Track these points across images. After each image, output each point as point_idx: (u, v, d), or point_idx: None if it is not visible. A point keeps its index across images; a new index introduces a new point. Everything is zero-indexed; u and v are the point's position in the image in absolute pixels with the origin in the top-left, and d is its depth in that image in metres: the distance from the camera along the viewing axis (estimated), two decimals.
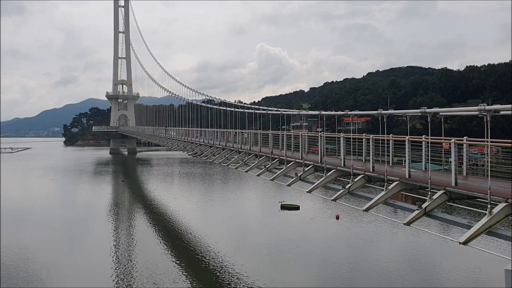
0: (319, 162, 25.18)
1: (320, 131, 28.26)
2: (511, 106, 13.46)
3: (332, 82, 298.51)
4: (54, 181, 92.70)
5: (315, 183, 24.71)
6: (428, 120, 16.78)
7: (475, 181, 17.20)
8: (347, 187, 21.37)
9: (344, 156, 22.90)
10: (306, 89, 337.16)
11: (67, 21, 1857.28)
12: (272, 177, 30.86)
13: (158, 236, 43.30)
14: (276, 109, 44.38)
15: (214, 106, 74.30)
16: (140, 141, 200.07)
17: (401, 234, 40.46)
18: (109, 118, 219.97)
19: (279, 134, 32.27)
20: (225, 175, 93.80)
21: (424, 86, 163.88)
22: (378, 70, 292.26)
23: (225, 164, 44.49)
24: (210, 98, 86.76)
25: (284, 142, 30.59)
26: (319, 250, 37.02)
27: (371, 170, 20.57)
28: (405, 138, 18.78)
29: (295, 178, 27.19)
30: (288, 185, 27.86)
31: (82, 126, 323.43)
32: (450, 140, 16.26)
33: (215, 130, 53.74)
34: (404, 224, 16.83)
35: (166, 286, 28.36)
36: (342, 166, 22.84)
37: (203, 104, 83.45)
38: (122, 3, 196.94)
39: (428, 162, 18.27)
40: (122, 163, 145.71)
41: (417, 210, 16.38)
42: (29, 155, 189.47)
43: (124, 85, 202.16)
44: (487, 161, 15.14)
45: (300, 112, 39.09)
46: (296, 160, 28.24)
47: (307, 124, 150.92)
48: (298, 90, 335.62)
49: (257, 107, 50.82)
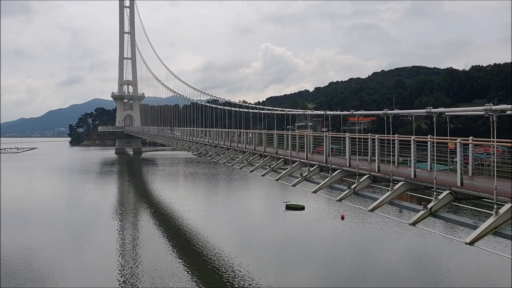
0: (324, 162, 25.15)
1: (325, 131, 28.22)
2: None
3: (337, 81, 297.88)
4: (60, 181, 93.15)
5: (320, 183, 24.69)
6: (434, 120, 16.74)
7: (481, 181, 17.14)
8: (352, 187, 21.34)
9: (350, 156, 22.87)
10: (311, 89, 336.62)
11: (73, 21, 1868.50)
12: (277, 177, 30.84)
13: (164, 235, 43.42)
14: (280, 109, 44.34)
15: (219, 106, 74.38)
16: (146, 141, 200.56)
17: (406, 234, 40.38)
18: (114, 118, 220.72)
19: (284, 134, 32.28)
20: (229, 175, 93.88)
21: (429, 86, 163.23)
22: (383, 70, 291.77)
23: (229, 164, 44.52)
24: (215, 98, 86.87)
25: (289, 142, 30.58)
26: (324, 250, 36.99)
27: (376, 170, 20.54)
28: (410, 138, 18.74)
29: (300, 178, 27.17)
30: (293, 185, 27.85)
31: (88, 126, 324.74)
32: (456, 140, 16.20)
33: (220, 130, 53.78)
34: (409, 224, 16.80)
35: (171, 286, 28.45)
36: (348, 166, 22.81)
37: (208, 104, 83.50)
38: (127, 3, 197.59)
39: (433, 162, 18.22)
40: (127, 163, 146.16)
41: (422, 210, 16.35)
42: (35, 155, 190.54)
43: (129, 85, 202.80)
44: (493, 161, 15.08)
45: (305, 112, 39.04)
46: (301, 160, 28.23)
47: (312, 124, 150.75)
48: (303, 90, 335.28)
49: (261, 107, 50.77)
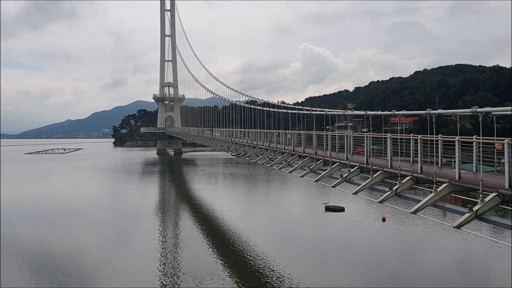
0: (365, 163, 24.81)
1: (366, 132, 27.81)
2: None
3: (378, 81, 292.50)
4: (104, 180, 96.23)
5: (361, 184, 24.39)
6: (479, 119, 16.22)
7: None
8: (394, 188, 20.96)
9: (391, 157, 22.46)
10: (351, 88, 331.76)
11: (117, 24, 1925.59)
12: (317, 178, 30.64)
13: (204, 235, 44.01)
14: (320, 109, 44.04)
15: (257, 107, 74.65)
16: (186, 141, 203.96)
17: (450, 237, 39.18)
18: (156, 119, 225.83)
19: (323, 135, 32.02)
20: (268, 175, 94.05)
21: (474, 84, 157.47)
22: (425, 69, 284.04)
23: (268, 165, 44.60)
24: (253, 99, 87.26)
25: (329, 142, 30.33)
26: (365, 253, 36.43)
27: (419, 172, 20.08)
28: (455, 138, 18.21)
29: (340, 180, 26.92)
30: (333, 186, 27.62)
31: (131, 127, 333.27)
32: (504, 140, 15.62)
33: (259, 130, 53.99)
34: (454, 227, 16.34)
35: (210, 286, 28.82)
36: (389, 167, 22.41)
37: (247, 105, 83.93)
38: (168, 6, 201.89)
39: (479, 163, 17.63)
40: (168, 163, 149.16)
41: (468, 213, 15.86)
42: (80, 155, 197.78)
43: (170, 87, 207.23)
44: None
45: (345, 112, 38.58)
46: (341, 161, 27.94)
47: (352, 124, 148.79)
48: (342, 90, 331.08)
49: (300, 107, 50.56)
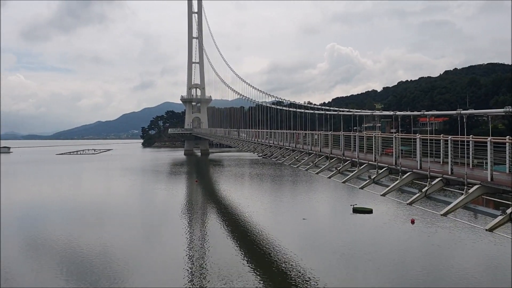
0: (394, 164, 24.49)
1: (395, 132, 27.46)
2: None
3: (407, 81, 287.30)
4: (133, 180, 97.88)
5: (389, 186, 24.08)
6: None
7: None
8: (423, 190, 20.63)
9: (421, 158, 22.10)
10: (379, 88, 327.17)
11: (146, 27, 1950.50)
12: (344, 179, 30.41)
13: (231, 235, 44.25)
14: (347, 109, 43.64)
15: (284, 108, 74.55)
16: (213, 142, 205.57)
17: (482, 240, 38.21)
18: (183, 120, 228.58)
19: (351, 135, 31.76)
20: (295, 176, 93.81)
21: (507, 84, 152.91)
22: (456, 68, 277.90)
23: (295, 166, 44.51)
24: (280, 100, 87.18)
25: (357, 143, 30.06)
26: (393, 255, 35.94)
27: (449, 173, 19.70)
28: (487, 139, 17.79)
29: (368, 181, 26.66)
30: (361, 188, 27.37)
31: (159, 128, 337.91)
32: None
33: (285, 131, 53.93)
34: (486, 230, 15.98)
35: (236, 286, 28.97)
36: (419, 168, 22.06)
37: (273, 106, 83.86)
38: (195, 9, 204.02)
39: None
40: (195, 164, 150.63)
41: (500, 215, 15.49)
42: (110, 156, 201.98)
43: (197, 88, 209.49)
44: None
45: (373, 113, 38.12)
46: (369, 162, 27.66)
47: (380, 125, 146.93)
48: (370, 90, 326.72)
49: (327, 108, 50.21)
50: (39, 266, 33.53)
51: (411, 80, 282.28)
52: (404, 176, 23.08)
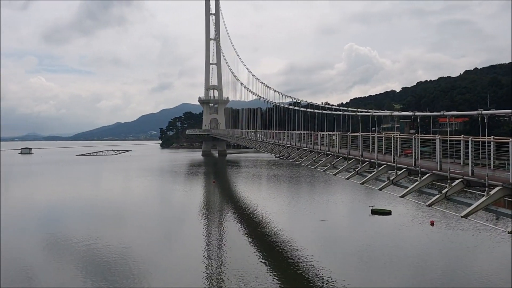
0: (413, 165, 24.23)
1: (414, 133, 27.15)
2: None
3: (426, 81, 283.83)
4: (152, 181, 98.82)
5: (408, 187, 23.83)
6: None
7: None
8: (443, 192, 20.38)
9: (441, 159, 21.82)
10: (398, 89, 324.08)
11: (164, 30, 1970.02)
12: (362, 180, 30.19)
13: (248, 236, 44.31)
14: (365, 110, 43.30)
15: (301, 108, 74.35)
16: (230, 143, 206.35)
17: (504, 243, 37.49)
18: (201, 121, 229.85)
19: (369, 136, 31.51)
20: (312, 178, 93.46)
21: None
22: (476, 68, 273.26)
23: (312, 167, 44.34)
24: (297, 101, 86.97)
25: (375, 144, 29.81)
26: (412, 257, 35.50)
27: (470, 174, 19.41)
28: (508, 139, 17.48)
29: (387, 182, 26.42)
30: (380, 189, 27.13)
31: (177, 129, 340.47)
32: None
33: (302, 132, 53.78)
34: (508, 232, 15.73)
35: (254, 286, 28.98)
36: (438, 169, 21.78)
37: (290, 107, 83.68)
38: (213, 10, 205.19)
39: None
40: (213, 165, 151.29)
41: None
42: (129, 157, 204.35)
43: (215, 90, 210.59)
44: None
45: (392, 113, 37.72)
46: (388, 163, 27.41)
47: (399, 125, 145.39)
48: (389, 90, 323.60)
49: (345, 108, 49.90)
50: (60, 265, 34.09)
51: (430, 80, 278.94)
52: (423, 177, 22.81)
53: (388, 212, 51.93)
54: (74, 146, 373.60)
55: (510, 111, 22.46)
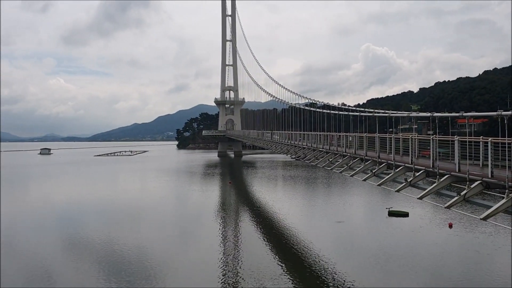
0: (431, 167, 23.96)
1: (432, 134, 26.85)
2: None
3: (444, 81, 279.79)
4: (168, 181, 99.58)
5: (426, 189, 23.57)
6: None
7: None
8: (462, 193, 20.11)
9: (459, 161, 21.54)
10: (415, 89, 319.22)
11: (181, 31, 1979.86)
12: (379, 182, 29.96)
13: (264, 237, 44.33)
14: (383, 111, 42.93)
15: (317, 109, 74.04)
16: (246, 144, 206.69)
17: None
18: (217, 122, 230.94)
19: (386, 137, 31.27)
20: (328, 179, 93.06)
21: None
22: (496, 68, 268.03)
23: (328, 168, 44.16)
24: (313, 101, 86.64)
25: (392, 145, 29.57)
26: (430, 260, 35.09)
27: (489, 176, 19.12)
28: None
29: (404, 184, 26.18)
30: (397, 190, 26.89)
31: (193, 130, 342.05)
32: None
33: (319, 133, 53.58)
34: None
35: (269, 287, 28.98)
36: (457, 171, 21.51)
37: (306, 108, 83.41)
38: (229, 12, 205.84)
39: None
40: (229, 165, 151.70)
41: None
42: (146, 157, 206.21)
43: (231, 91, 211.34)
44: None
45: (410, 114, 37.37)
46: (406, 164, 27.16)
47: (416, 126, 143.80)
48: (406, 91, 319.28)
49: (362, 109, 49.56)
50: (79, 265, 34.56)
51: (448, 80, 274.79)
52: (441, 179, 22.55)
53: (406, 214, 51.42)
54: (92, 147, 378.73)
55: None
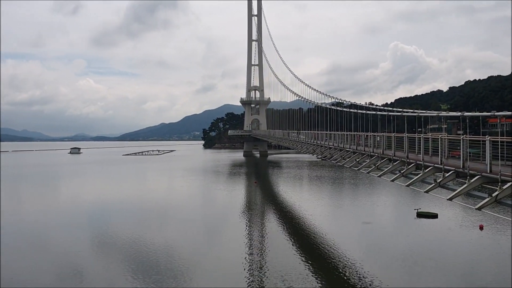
0: (461, 167, 23.48)
1: (462, 134, 26.31)
2: None
3: (475, 80, 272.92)
4: (195, 181, 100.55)
5: (456, 190, 23.13)
6: None
7: None
8: (493, 195, 19.66)
9: (491, 161, 21.04)
10: (445, 88, 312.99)
11: (208, 32, 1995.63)
12: (408, 183, 29.55)
13: (290, 237, 44.25)
14: (411, 110, 42.24)
15: (344, 109, 73.37)
16: (271, 144, 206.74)
17: None
18: (243, 122, 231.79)
19: (415, 137, 30.79)
20: (355, 179, 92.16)
21: None
22: None
23: (356, 168, 43.77)
24: (340, 101, 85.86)
25: (421, 145, 29.10)
26: (460, 263, 34.40)
27: None
28: None
29: (433, 185, 25.75)
30: (426, 191, 26.47)
31: (219, 130, 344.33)
32: None
33: (345, 133, 53.12)
34: None
35: (295, 287, 28.94)
36: (488, 172, 21.02)
37: (333, 107, 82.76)
38: (255, 12, 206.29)
39: None
40: (254, 165, 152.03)
41: None
42: (173, 157, 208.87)
43: (256, 90, 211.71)
44: None
45: (440, 114, 36.65)
46: (435, 165, 26.69)
47: (446, 126, 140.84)
48: (435, 90, 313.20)
49: (390, 108, 48.88)
50: (107, 263, 35.29)
51: (479, 79, 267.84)
52: (472, 180, 22.09)
53: (435, 215, 50.47)
54: (121, 146, 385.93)
55: None
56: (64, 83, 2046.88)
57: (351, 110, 66.57)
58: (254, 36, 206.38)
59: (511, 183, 19.17)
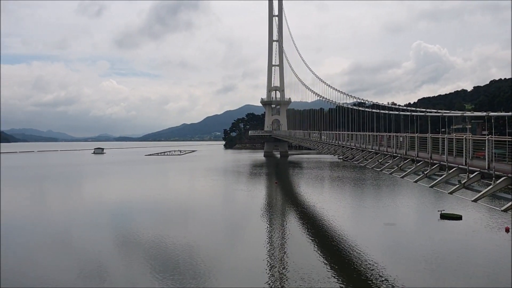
0: (487, 168, 23.07)
1: (487, 134, 25.83)
2: None
3: (500, 79, 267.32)
4: (216, 181, 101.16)
5: (481, 191, 22.74)
6: None
7: None
8: None
9: None
10: (469, 88, 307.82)
11: (229, 33, 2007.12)
12: (432, 184, 29.16)
13: (310, 238, 44.14)
14: (435, 110, 41.61)
15: (366, 109, 72.73)
16: (292, 144, 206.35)
17: None
18: (263, 122, 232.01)
19: (439, 138, 30.37)
20: (378, 180, 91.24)
21: None
22: None
23: (378, 169, 43.36)
24: (362, 101, 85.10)
25: (445, 146, 28.68)
26: (485, 266, 33.70)
27: None
28: None
29: (458, 186, 25.35)
30: (450, 193, 26.09)
31: (240, 130, 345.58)
32: None
33: (367, 133, 52.69)
34: None
35: (316, 287, 28.87)
36: None
37: (354, 107, 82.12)
38: (276, 12, 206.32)
39: None
40: (275, 166, 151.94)
41: None
42: (194, 157, 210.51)
43: (277, 91, 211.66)
44: None
45: (464, 114, 36.05)
46: (459, 166, 26.27)
47: (470, 126, 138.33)
48: (459, 90, 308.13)
49: (413, 108, 48.25)
50: (130, 262, 35.81)
51: (505, 78, 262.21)
52: (498, 181, 21.67)
53: (459, 217, 49.63)
54: (143, 147, 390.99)
55: None
56: (88, 84, 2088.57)
57: (373, 110, 65.91)
58: (275, 37, 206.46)
59: None
